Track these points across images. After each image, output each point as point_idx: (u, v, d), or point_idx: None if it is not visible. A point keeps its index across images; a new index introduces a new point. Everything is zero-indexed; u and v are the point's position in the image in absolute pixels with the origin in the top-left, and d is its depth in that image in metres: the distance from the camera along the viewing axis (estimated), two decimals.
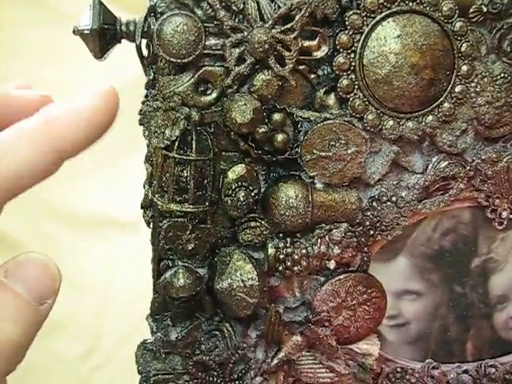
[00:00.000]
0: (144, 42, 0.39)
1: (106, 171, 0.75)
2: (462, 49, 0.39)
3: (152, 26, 0.37)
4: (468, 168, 0.41)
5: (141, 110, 0.38)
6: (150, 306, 0.41)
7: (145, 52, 0.39)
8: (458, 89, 0.39)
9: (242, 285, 0.39)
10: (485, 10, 0.39)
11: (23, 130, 0.33)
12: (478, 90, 0.40)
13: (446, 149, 0.41)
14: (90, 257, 0.75)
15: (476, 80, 0.40)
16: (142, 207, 0.40)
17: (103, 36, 0.38)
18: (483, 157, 0.41)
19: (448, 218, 0.43)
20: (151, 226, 0.40)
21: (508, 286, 0.46)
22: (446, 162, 0.41)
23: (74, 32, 0.38)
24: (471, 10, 0.39)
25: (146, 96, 0.38)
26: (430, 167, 0.41)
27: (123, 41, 0.39)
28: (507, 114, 0.41)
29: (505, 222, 0.43)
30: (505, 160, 0.42)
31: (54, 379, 0.69)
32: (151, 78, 0.38)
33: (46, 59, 0.77)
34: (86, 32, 0.38)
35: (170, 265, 0.40)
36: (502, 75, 0.40)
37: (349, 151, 0.38)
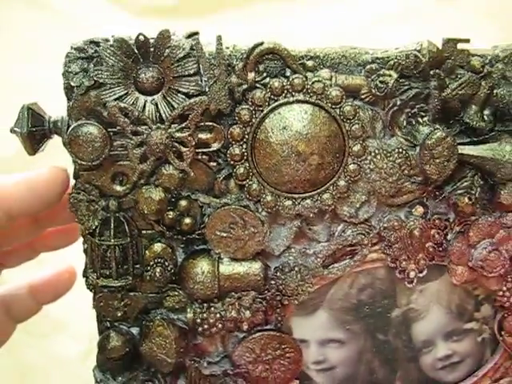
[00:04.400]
0: None
1: None
2: (352, 131, 0.42)
3: (70, 126, 0.43)
4: (372, 235, 0.45)
5: (69, 200, 0.45)
6: (95, 358, 0.48)
7: None
8: (351, 167, 0.43)
9: (161, 348, 0.45)
10: (373, 92, 0.42)
11: None
12: (371, 167, 0.43)
13: (346, 220, 0.44)
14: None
15: (369, 158, 0.43)
16: (82, 276, 0.48)
17: (33, 137, 0.44)
18: (386, 225, 0.45)
19: (364, 275, 0.47)
20: (92, 292, 0.47)
21: (432, 332, 0.50)
22: (350, 231, 0.45)
23: (10, 131, 0.45)
24: (362, 92, 0.42)
25: (74, 186, 0.45)
26: (335, 235, 0.45)
27: None
28: (406, 184, 0.44)
29: (414, 281, 0.46)
30: (407, 227, 0.45)
31: (54, 379, 0.73)
32: (76, 170, 0.44)
33: (46, 59, 0.76)
34: (18, 134, 0.44)
35: (108, 325, 0.47)
36: (397, 150, 0.43)
37: (246, 232, 0.44)
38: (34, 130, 0.44)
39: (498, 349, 0.50)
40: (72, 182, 0.46)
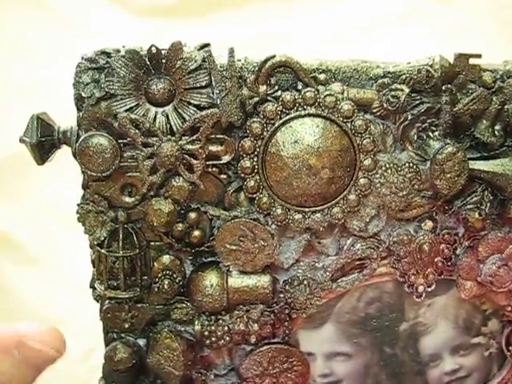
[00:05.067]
0: None
1: None
2: (363, 145, 0.42)
3: (80, 137, 0.43)
4: (381, 249, 0.45)
5: (77, 211, 0.44)
6: (101, 370, 0.48)
7: None
8: (361, 181, 0.43)
9: (168, 360, 0.45)
10: (385, 106, 0.42)
11: None
12: (382, 181, 0.43)
13: (356, 234, 0.44)
14: (90, 257, 0.79)
15: (380, 172, 0.43)
16: (90, 286, 0.48)
17: (42, 147, 0.44)
18: (395, 239, 0.45)
19: (372, 288, 0.47)
20: (99, 303, 0.47)
21: (439, 346, 0.50)
22: (360, 245, 0.45)
23: (19, 141, 0.45)
24: (374, 106, 0.42)
25: (83, 197, 0.45)
26: (344, 249, 0.45)
27: None
28: (416, 199, 0.44)
29: (423, 295, 0.46)
30: (416, 241, 0.45)
31: (54, 379, 0.74)
32: (85, 181, 0.44)
33: (46, 59, 0.79)
34: (27, 143, 0.44)
35: (115, 337, 0.47)
36: (408, 164, 0.43)
37: (256, 245, 0.44)
38: (44, 140, 0.44)
39: (505, 364, 0.50)
40: (80, 194, 0.46)
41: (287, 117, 0.42)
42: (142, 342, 0.47)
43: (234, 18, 0.77)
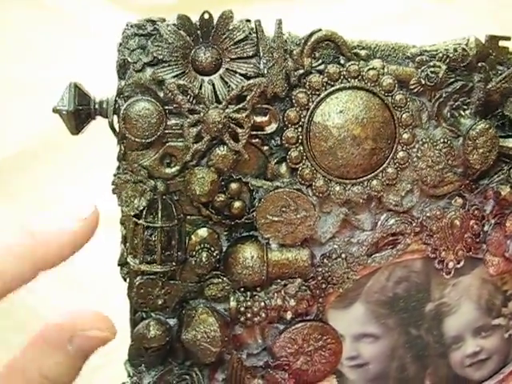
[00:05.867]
0: (116, 118, 0.44)
1: (106, 171, 0.77)
2: (403, 119, 0.44)
3: (121, 106, 0.43)
4: (414, 224, 0.46)
5: (113, 182, 0.44)
6: (127, 352, 0.46)
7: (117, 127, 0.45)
8: (400, 155, 0.44)
9: (205, 336, 0.44)
10: (423, 82, 0.44)
11: (10, 244, 0.38)
12: (419, 155, 0.45)
13: (392, 208, 0.46)
14: (90, 256, 0.77)
15: (417, 146, 0.45)
16: (118, 264, 0.46)
17: (78, 116, 0.44)
18: (428, 214, 0.46)
19: (400, 267, 0.48)
20: (127, 281, 0.46)
21: (462, 328, 0.51)
22: (394, 220, 0.46)
23: (53, 110, 0.44)
24: (411, 82, 0.44)
25: (118, 168, 0.44)
26: (378, 224, 0.46)
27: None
28: (449, 175, 0.46)
29: (452, 271, 0.48)
30: (448, 216, 0.47)
31: None
32: (122, 152, 0.44)
33: (46, 59, 0.78)
34: (63, 112, 0.43)
35: (144, 316, 0.46)
36: (442, 140, 0.45)
37: (298, 216, 0.44)
38: (81, 109, 0.44)
39: None
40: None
41: (332, 88, 0.43)
42: (172, 322, 0.46)
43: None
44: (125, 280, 0.46)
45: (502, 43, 0.45)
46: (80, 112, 0.44)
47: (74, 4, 0.76)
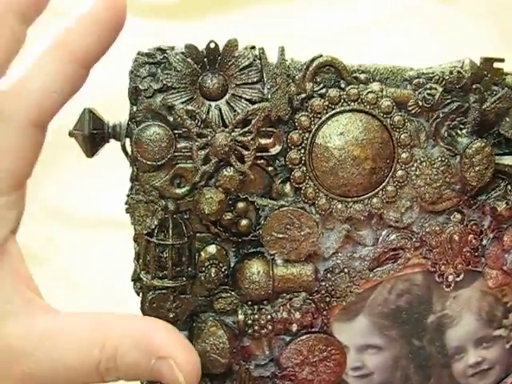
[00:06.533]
0: (128, 141, 0.47)
1: (106, 171, 0.75)
2: (401, 139, 0.46)
3: (133, 130, 0.45)
4: (414, 240, 0.48)
5: (126, 202, 0.46)
6: None
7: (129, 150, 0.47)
8: (399, 173, 0.47)
9: (214, 348, 0.47)
10: (420, 104, 0.46)
11: (43, 48, 0.40)
12: (417, 173, 0.47)
13: (392, 224, 0.48)
14: (90, 257, 0.76)
15: (415, 165, 0.47)
16: (131, 280, 0.49)
17: (93, 140, 0.46)
18: (427, 229, 0.48)
19: (402, 281, 0.50)
20: (140, 295, 0.48)
21: (463, 339, 0.53)
22: (394, 235, 0.48)
23: (69, 134, 0.47)
24: (409, 104, 0.47)
25: (131, 188, 0.47)
26: (380, 240, 0.48)
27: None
28: (447, 192, 0.48)
29: (452, 284, 0.50)
30: (447, 231, 0.49)
31: None
32: (134, 173, 0.46)
33: None
34: (78, 136, 0.46)
35: None
36: (440, 159, 0.47)
37: (302, 233, 0.46)
38: (95, 133, 0.46)
39: None
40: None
41: (333, 111, 0.46)
42: (183, 334, 0.48)
43: (234, 18, 0.80)
44: (138, 295, 0.49)
45: (496, 65, 0.48)
46: (94, 136, 0.46)
47: (74, 4, 0.77)
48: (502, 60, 0.47)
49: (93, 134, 0.46)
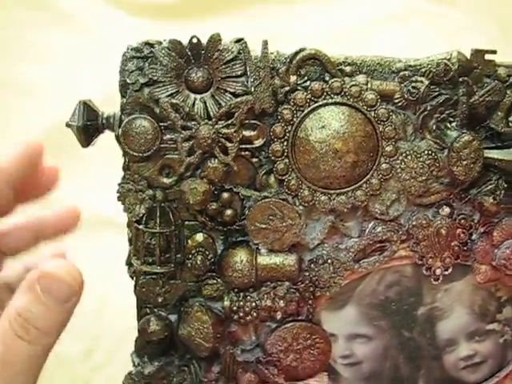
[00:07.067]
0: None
1: (106, 171, 0.71)
2: (385, 132, 0.46)
3: (123, 122, 0.47)
4: (401, 232, 0.49)
5: (118, 190, 0.48)
6: (134, 344, 0.51)
7: None
8: (383, 166, 0.47)
9: (198, 332, 0.49)
10: (406, 96, 0.46)
11: None
12: (402, 166, 0.47)
13: (378, 216, 0.48)
14: (90, 257, 0.77)
15: (400, 158, 0.47)
16: (126, 264, 0.51)
17: (87, 131, 0.49)
18: (414, 223, 0.48)
19: (391, 272, 0.51)
20: (134, 279, 0.51)
21: (455, 331, 0.53)
22: (381, 227, 0.49)
23: (66, 125, 0.49)
24: (395, 97, 0.47)
25: (123, 177, 0.49)
26: (366, 232, 0.49)
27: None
28: (435, 185, 0.48)
29: (440, 278, 0.50)
30: (434, 225, 0.48)
31: (54, 379, 0.71)
32: (126, 163, 0.48)
33: (46, 59, 0.81)
34: (73, 127, 0.48)
35: (148, 312, 0.51)
36: (426, 152, 0.47)
37: (284, 224, 0.47)
38: (89, 124, 0.49)
39: None
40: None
41: (315, 104, 0.46)
42: (173, 317, 0.51)
43: (234, 18, 0.81)
44: (132, 279, 0.51)
45: (488, 56, 0.47)
46: (89, 127, 0.49)
47: (74, 4, 0.78)
48: (494, 52, 0.46)
49: (87, 125, 0.49)
